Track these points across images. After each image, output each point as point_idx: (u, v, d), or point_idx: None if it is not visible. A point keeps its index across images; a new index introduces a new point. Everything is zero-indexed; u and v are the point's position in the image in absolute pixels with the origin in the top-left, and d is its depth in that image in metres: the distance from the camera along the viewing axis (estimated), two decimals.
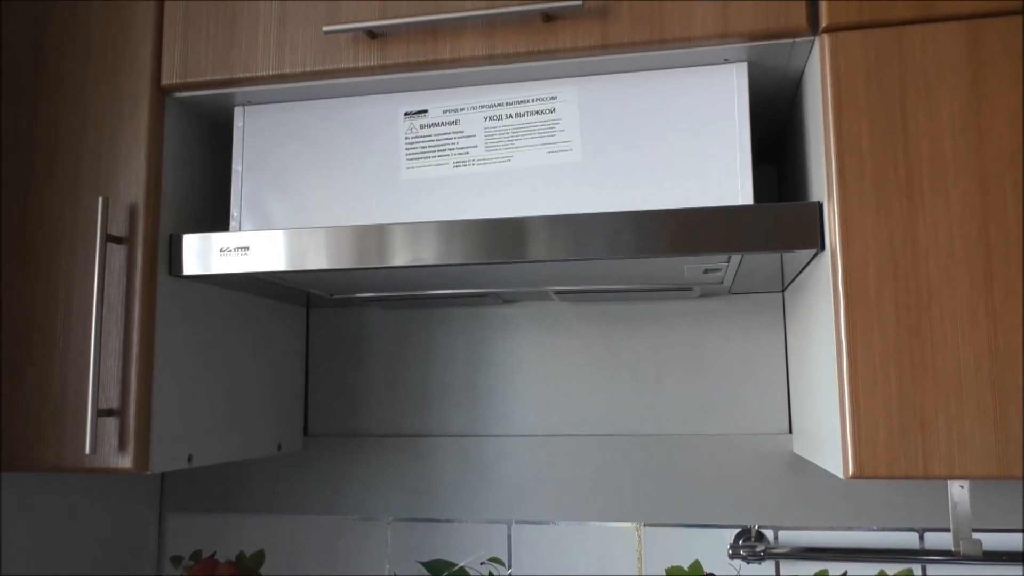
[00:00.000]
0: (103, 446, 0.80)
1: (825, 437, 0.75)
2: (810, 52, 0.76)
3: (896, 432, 0.65)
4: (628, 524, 1.06)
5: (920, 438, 0.65)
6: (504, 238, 0.75)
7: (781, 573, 1.01)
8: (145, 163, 0.83)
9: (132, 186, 0.83)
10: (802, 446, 0.94)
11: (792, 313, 0.98)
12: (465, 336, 1.14)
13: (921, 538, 0.99)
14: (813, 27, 0.73)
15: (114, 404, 0.80)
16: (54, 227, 0.84)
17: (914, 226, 0.67)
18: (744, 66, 0.77)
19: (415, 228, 0.77)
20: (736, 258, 0.76)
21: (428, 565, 1.10)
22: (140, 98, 0.84)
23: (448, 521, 1.10)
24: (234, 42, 0.83)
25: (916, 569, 0.98)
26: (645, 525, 1.05)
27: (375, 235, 0.77)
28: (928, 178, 0.67)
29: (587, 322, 1.11)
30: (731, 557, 1.02)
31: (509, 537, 1.09)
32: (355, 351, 1.17)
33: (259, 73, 0.82)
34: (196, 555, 1.16)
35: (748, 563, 1.02)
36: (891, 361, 0.66)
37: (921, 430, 0.65)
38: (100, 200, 0.79)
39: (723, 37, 0.74)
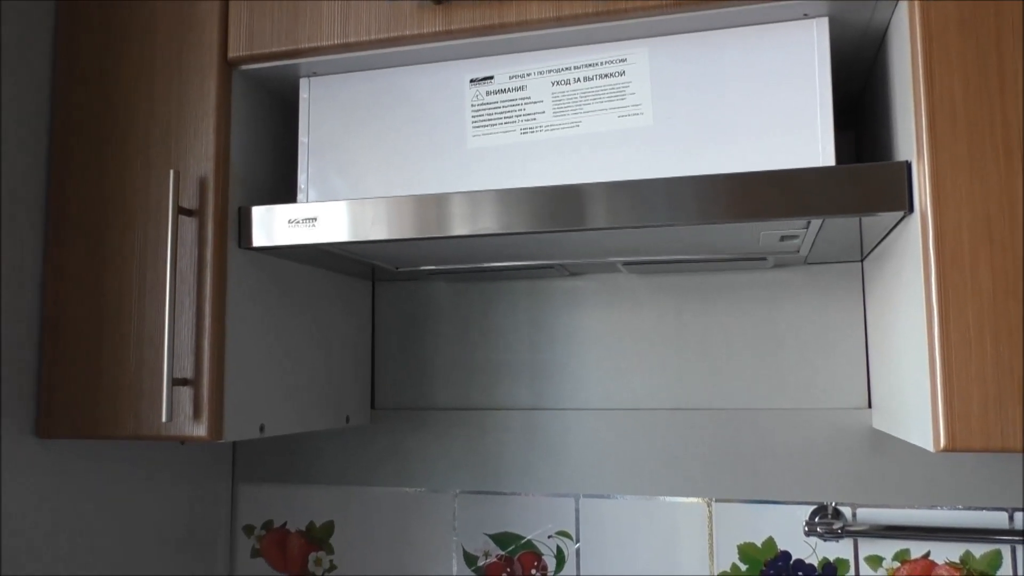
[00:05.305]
0: (178, 415, 0.81)
1: (912, 409, 0.71)
2: (896, 4, 0.72)
3: (992, 403, 0.62)
4: (698, 499, 1.04)
5: (1018, 410, 0.61)
6: (565, 205, 0.73)
7: (860, 552, 0.98)
8: (214, 137, 0.83)
9: (201, 160, 0.83)
10: (883, 421, 0.91)
11: (873, 283, 0.94)
12: (531, 309, 1.13)
13: (1011, 517, 0.94)
14: None
15: (188, 374, 0.81)
16: (127, 202, 0.85)
17: (1012, 185, 0.63)
18: (825, 21, 0.73)
19: (475, 197, 0.75)
20: (816, 223, 0.73)
21: (496, 538, 1.10)
22: (207, 72, 0.84)
23: (515, 494, 1.10)
24: (299, 12, 0.83)
25: (1005, 550, 0.94)
26: (716, 501, 1.03)
27: (438, 204, 0.76)
28: None
29: (655, 294, 1.09)
30: (807, 535, 0.99)
31: (577, 511, 1.08)
32: (420, 325, 1.17)
33: (324, 43, 0.82)
34: (267, 525, 1.19)
35: (825, 541, 0.99)
36: (987, 328, 0.62)
37: (1020, 402, 0.61)
38: (171, 173, 0.80)
39: None
